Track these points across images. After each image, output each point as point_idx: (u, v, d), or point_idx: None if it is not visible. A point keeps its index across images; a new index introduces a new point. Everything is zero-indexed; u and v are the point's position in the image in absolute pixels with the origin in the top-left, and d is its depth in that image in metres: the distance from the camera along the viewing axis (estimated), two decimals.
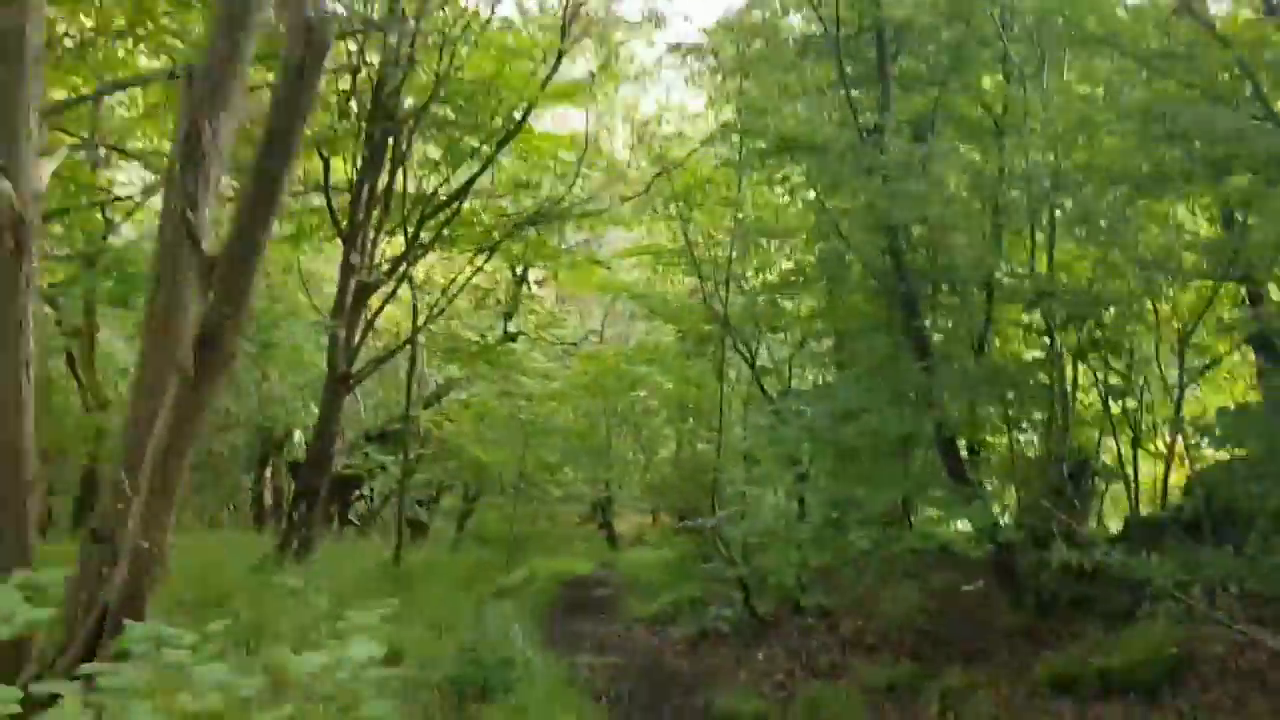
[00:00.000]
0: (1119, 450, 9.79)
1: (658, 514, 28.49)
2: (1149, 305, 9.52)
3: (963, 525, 9.78)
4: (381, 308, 14.37)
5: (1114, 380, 9.69)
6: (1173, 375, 9.53)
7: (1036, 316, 10.20)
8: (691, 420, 22.04)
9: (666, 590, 13.39)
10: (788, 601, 11.34)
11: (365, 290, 14.16)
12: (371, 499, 24.31)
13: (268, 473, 22.50)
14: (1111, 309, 9.38)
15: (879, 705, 7.91)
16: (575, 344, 25.16)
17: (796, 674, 9.19)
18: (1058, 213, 9.82)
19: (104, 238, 15.15)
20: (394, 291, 14.42)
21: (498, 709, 6.64)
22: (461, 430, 20.78)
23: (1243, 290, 9.69)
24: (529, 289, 22.78)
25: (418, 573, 14.90)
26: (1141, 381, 9.79)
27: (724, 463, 16.04)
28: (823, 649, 9.68)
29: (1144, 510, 9.67)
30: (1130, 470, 9.60)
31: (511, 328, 21.90)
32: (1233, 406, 9.47)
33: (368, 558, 15.46)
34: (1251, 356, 10.59)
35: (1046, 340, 10.02)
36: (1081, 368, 10.10)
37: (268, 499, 22.17)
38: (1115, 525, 11.61)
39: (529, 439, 20.80)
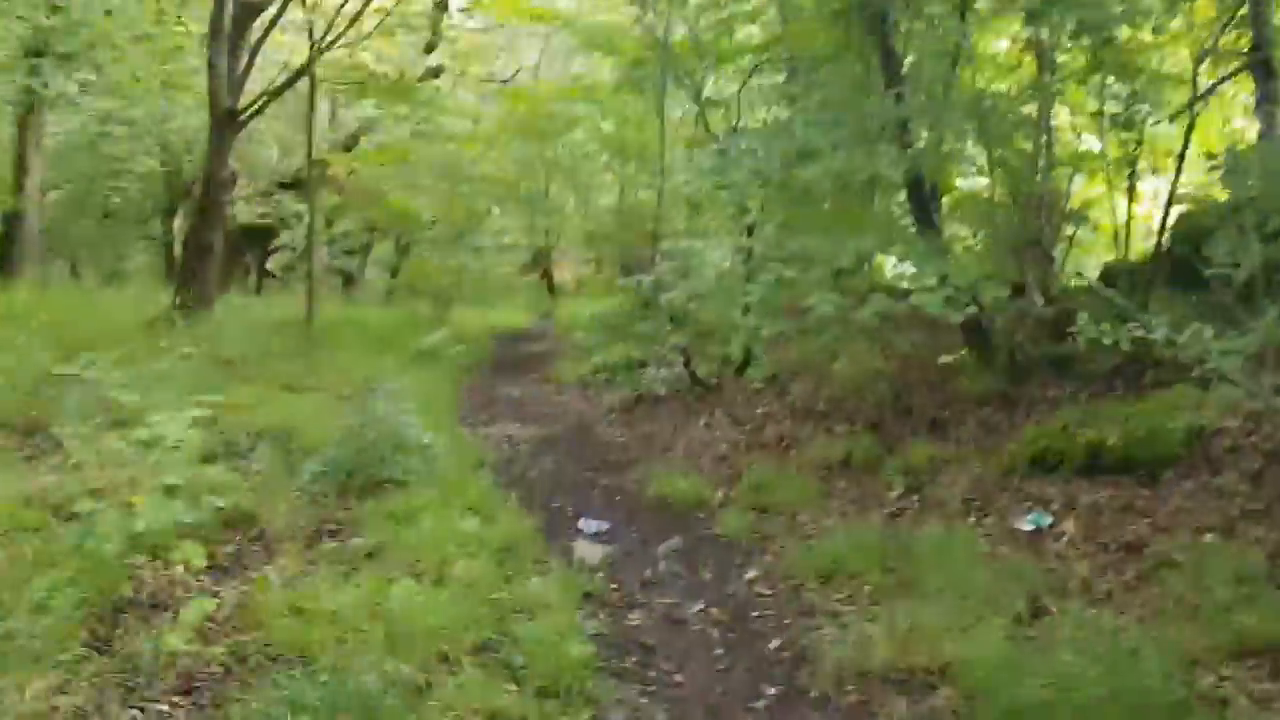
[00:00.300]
0: (1110, 192, 8.58)
1: (600, 262, 27.51)
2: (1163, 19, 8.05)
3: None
4: (268, 32, 12.35)
5: (1113, 111, 8.32)
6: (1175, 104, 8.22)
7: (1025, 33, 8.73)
8: (633, 165, 20.57)
9: (603, 349, 12.35)
10: (731, 363, 10.35)
11: (248, 10, 12.15)
12: (293, 250, 22.76)
13: (175, 223, 20.77)
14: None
15: (833, 484, 6.97)
16: (505, 81, 23.02)
17: (741, 446, 8.24)
18: None
19: None
20: (281, 11, 12.34)
21: (385, 503, 5.55)
22: (381, 175, 19.01)
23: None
24: (450, 17, 20.44)
25: (334, 331, 13.69)
26: (1142, 112, 8.44)
27: (666, 209, 14.75)
28: (770, 418, 8.70)
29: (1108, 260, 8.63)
30: (1123, 213, 8.43)
31: (432, 61, 19.74)
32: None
33: (283, 313, 14.12)
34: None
35: (1035, 62, 8.64)
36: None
37: (178, 251, 20.52)
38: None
39: (455, 184, 19.21)
